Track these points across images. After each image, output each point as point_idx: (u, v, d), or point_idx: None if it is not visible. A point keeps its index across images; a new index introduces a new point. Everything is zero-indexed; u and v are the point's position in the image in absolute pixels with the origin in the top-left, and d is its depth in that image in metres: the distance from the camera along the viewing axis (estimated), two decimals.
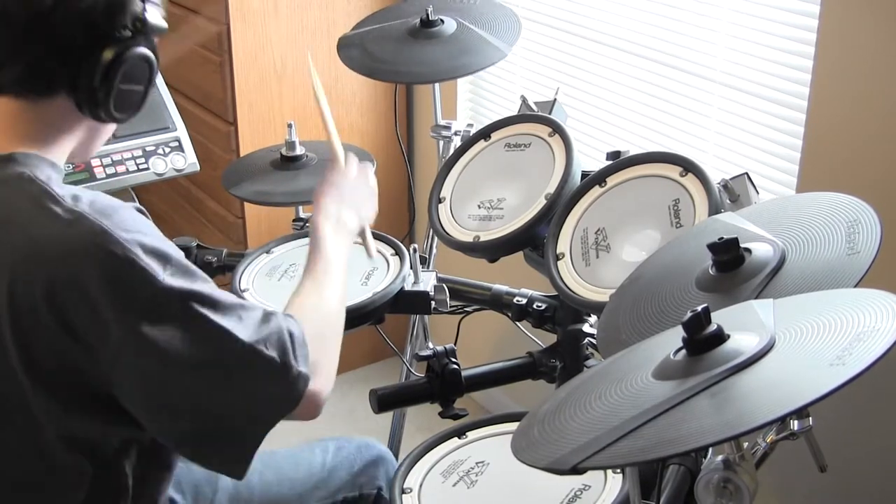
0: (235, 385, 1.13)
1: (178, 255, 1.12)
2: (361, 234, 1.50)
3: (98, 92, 1.15)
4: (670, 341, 0.99)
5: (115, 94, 1.16)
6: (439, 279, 1.67)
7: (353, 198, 1.47)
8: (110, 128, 1.25)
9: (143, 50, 1.17)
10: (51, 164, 1.15)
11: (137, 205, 1.16)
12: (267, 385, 1.14)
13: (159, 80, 1.90)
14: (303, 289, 1.30)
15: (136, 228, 1.09)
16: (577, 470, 0.88)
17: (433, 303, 1.63)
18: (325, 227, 1.38)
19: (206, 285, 1.13)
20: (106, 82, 1.14)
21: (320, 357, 1.20)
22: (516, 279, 1.75)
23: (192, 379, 1.11)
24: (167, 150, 1.85)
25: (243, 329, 1.12)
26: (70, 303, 1.06)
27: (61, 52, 1.12)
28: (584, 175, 1.62)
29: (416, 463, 1.38)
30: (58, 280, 1.06)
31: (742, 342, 0.93)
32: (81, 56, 1.13)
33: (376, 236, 1.73)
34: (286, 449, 1.58)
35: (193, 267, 1.13)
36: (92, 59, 1.13)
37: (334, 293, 1.32)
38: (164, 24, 1.19)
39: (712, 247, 1.14)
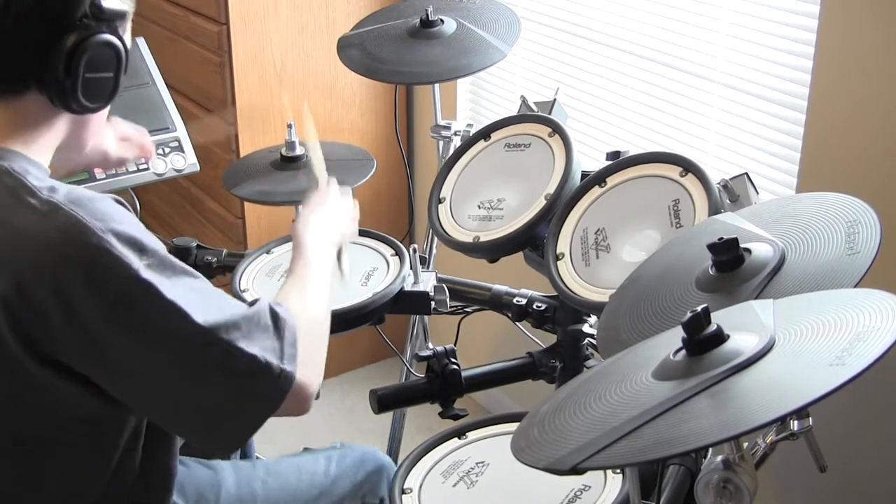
0: (214, 383, 1.12)
1: (158, 246, 1.11)
2: (339, 253, 1.50)
3: (64, 83, 1.13)
4: (670, 342, 0.99)
5: (83, 83, 1.14)
6: (439, 279, 1.66)
7: (334, 215, 1.50)
8: (97, 118, 1.23)
9: (106, 36, 1.15)
10: (29, 160, 1.14)
11: (116, 196, 1.14)
12: (251, 383, 1.13)
13: (159, 81, 1.90)
14: (286, 287, 1.31)
15: (110, 217, 1.08)
16: (576, 470, 0.88)
17: (433, 303, 1.63)
18: (306, 234, 1.41)
19: (186, 279, 1.11)
20: (70, 72, 1.13)
21: (307, 352, 1.19)
22: (516, 279, 1.75)
23: (167, 375, 1.11)
24: (167, 150, 1.84)
25: (221, 324, 1.11)
26: (43, 293, 1.05)
27: (22, 47, 1.11)
28: (584, 175, 1.62)
29: (416, 463, 1.38)
30: (31, 270, 1.05)
31: (742, 342, 0.93)
32: (43, 49, 1.12)
33: (376, 236, 1.73)
34: (290, 457, 1.58)
35: (174, 260, 1.12)
36: (53, 50, 1.12)
37: (318, 292, 1.32)
38: (125, 8, 1.18)
39: (712, 247, 1.14)
